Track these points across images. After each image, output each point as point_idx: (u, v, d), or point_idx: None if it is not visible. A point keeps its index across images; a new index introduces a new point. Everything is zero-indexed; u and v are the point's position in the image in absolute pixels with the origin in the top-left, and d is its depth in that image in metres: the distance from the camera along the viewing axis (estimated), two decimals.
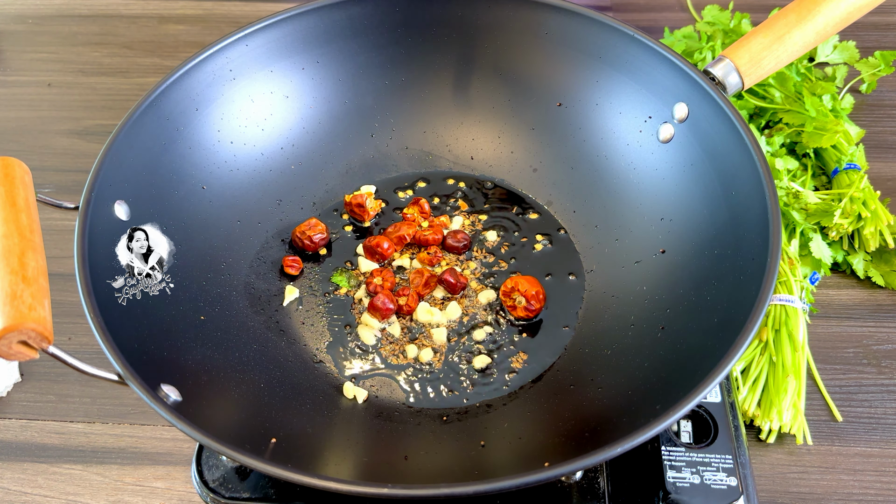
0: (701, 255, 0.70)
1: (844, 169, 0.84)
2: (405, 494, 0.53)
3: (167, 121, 0.74)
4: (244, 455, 0.53)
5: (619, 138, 0.80)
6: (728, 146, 0.70)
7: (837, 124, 0.85)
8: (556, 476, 0.53)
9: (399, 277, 0.78)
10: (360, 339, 0.74)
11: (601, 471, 0.65)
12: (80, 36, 1.13)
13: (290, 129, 0.83)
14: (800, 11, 0.74)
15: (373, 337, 0.74)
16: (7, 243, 0.54)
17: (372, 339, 0.74)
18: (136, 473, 0.73)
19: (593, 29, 0.79)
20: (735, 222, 0.68)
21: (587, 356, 0.71)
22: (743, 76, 0.74)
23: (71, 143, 1.00)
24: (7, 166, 0.59)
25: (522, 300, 0.74)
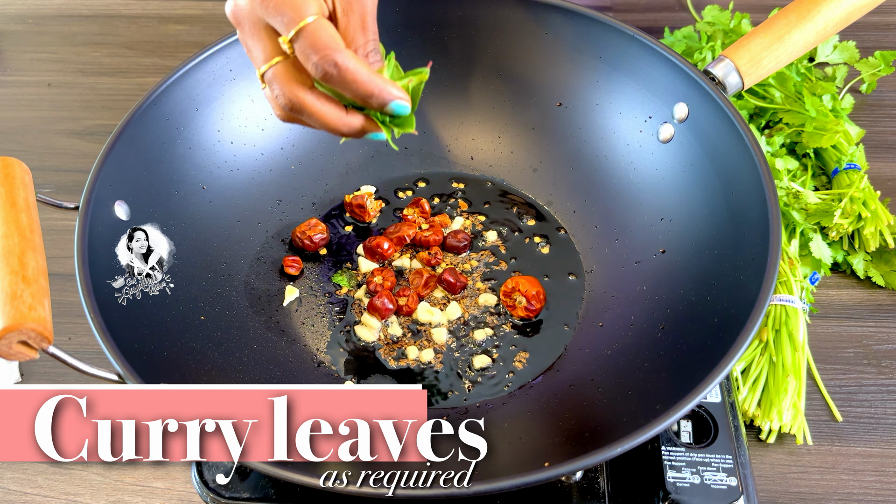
0: (701, 255, 0.70)
1: (844, 169, 0.84)
2: (405, 495, 0.53)
3: (167, 121, 0.74)
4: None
5: (619, 138, 0.80)
6: (728, 146, 0.70)
7: (837, 124, 0.84)
8: (556, 476, 0.53)
9: (399, 279, 0.78)
10: (360, 338, 0.74)
11: (601, 471, 0.65)
12: (80, 36, 1.13)
13: (289, 128, 0.83)
14: (800, 11, 0.74)
15: (373, 336, 0.74)
16: (7, 243, 0.54)
17: (372, 338, 0.74)
18: (136, 473, 0.73)
19: (593, 29, 0.79)
20: (735, 222, 0.68)
21: (587, 356, 0.71)
22: (743, 76, 0.74)
23: (71, 143, 1.00)
24: (7, 166, 0.59)
25: (523, 300, 0.74)
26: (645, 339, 0.69)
